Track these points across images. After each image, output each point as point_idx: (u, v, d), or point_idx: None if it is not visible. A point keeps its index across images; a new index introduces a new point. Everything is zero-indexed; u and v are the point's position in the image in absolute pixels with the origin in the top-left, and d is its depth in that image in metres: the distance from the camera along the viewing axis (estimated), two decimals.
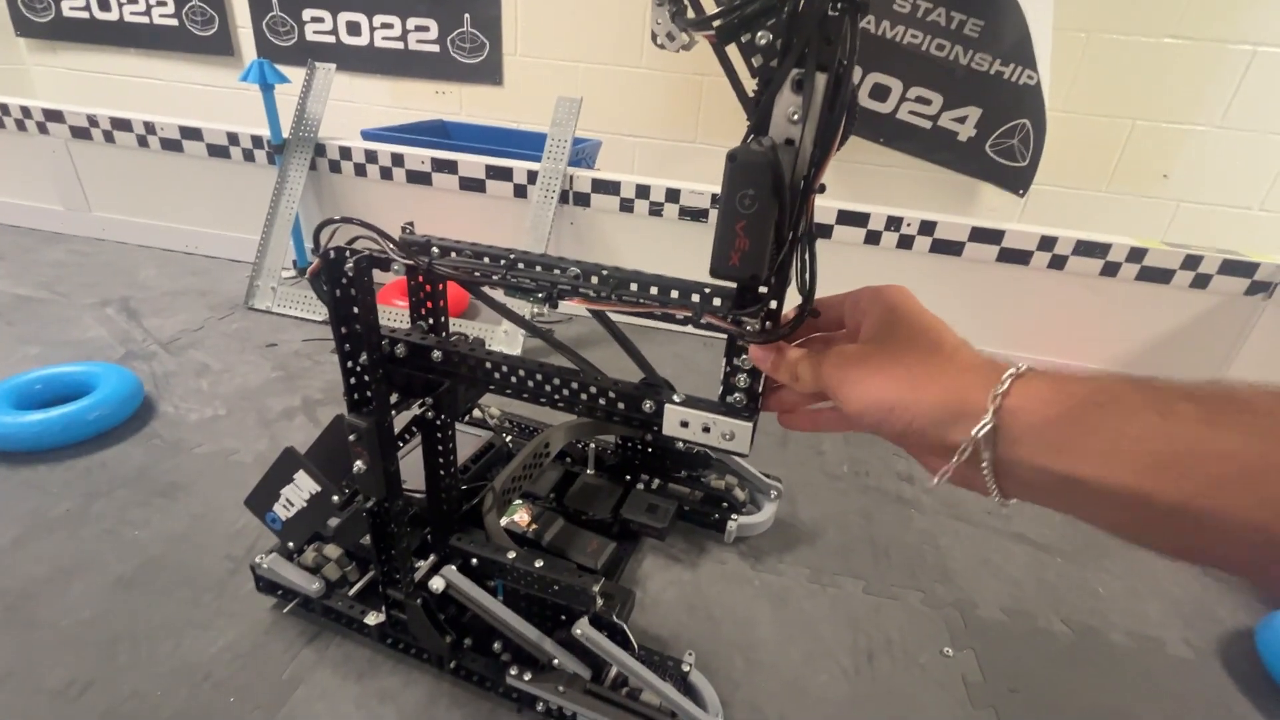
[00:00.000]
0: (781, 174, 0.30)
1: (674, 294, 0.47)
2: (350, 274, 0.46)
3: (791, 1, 0.29)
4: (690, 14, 0.34)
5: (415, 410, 0.58)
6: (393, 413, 0.54)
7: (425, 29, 2.06)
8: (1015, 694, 0.70)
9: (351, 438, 0.52)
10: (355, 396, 0.52)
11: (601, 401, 0.47)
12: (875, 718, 0.66)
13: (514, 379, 0.49)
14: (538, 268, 0.49)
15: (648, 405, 0.46)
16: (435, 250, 0.54)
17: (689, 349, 1.42)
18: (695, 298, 0.46)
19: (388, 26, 2.08)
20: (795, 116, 0.30)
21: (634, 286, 0.47)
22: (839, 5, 0.28)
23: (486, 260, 0.51)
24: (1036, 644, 0.77)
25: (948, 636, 0.76)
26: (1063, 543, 0.94)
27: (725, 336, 0.41)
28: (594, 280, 0.47)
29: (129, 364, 1.14)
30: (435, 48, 2.07)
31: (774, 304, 0.36)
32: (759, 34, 0.31)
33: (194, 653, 0.65)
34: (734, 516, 0.86)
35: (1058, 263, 1.27)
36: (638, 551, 0.84)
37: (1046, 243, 1.26)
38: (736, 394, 0.43)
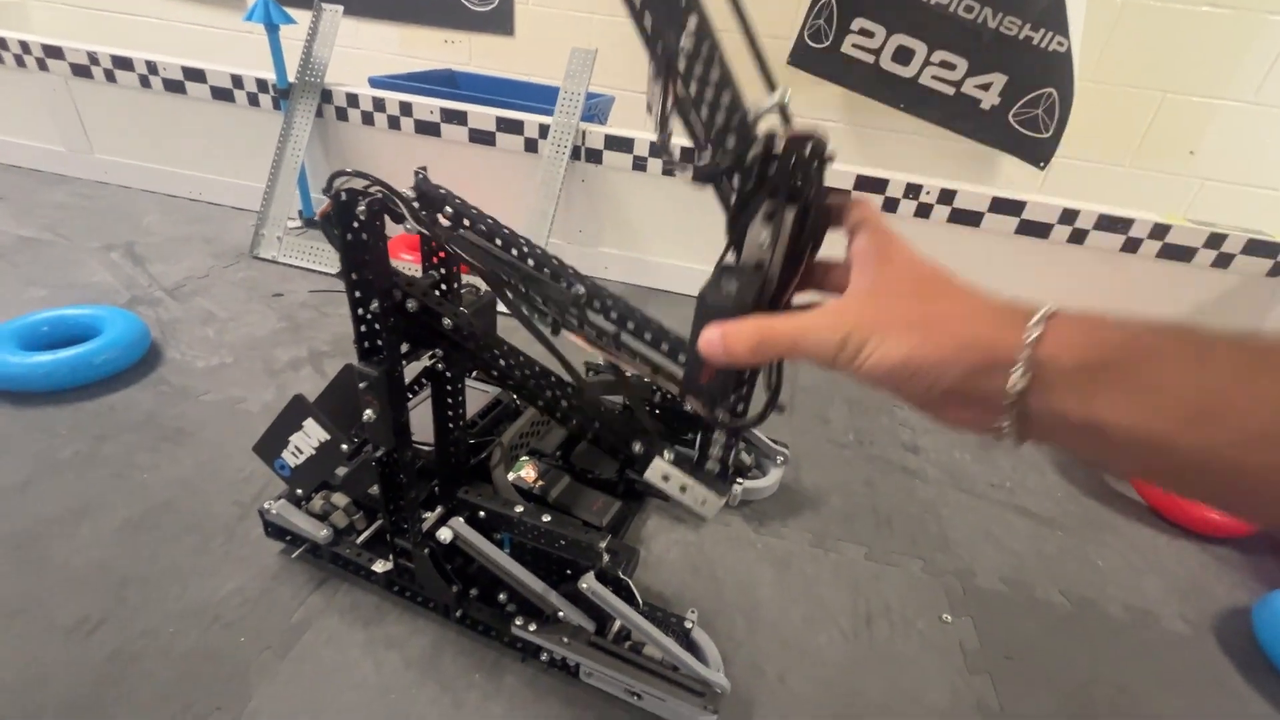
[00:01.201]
0: (747, 313, 0.31)
1: (664, 346, 0.48)
2: (362, 218, 0.44)
3: (760, 161, 0.32)
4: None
5: (425, 361, 0.58)
6: (403, 363, 0.54)
7: None
8: (1011, 661, 0.71)
9: (362, 385, 0.51)
10: (365, 345, 0.51)
11: (595, 425, 0.48)
12: (873, 679, 0.67)
13: (515, 374, 0.49)
14: (545, 270, 0.48)
15: (637, 446, 0.48)
16: (449, 211, 0.52)
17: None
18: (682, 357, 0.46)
19: None
20: (765, 244, 0.32)
21: (631, 326, 0.48)
22: (807, 155, 0.31)
23: (498, 243, 0.49)
24: (1034, 613, 0.77)
25: (946, 604, 0.77)
26: (1065, 517, 0.94)
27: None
28: (597, 305, 0.47)
29: (135, 309, 1.13)
30: None
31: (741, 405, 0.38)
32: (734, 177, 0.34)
33: (204, 595, 0.66)
34: (739, 480, 0.86)
35: (1078, 237, 1.25)
36: (642, 511, 0.84)
37: (1068, 216, 1.23)
38: (712, 461, 0.46)
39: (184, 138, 1.59)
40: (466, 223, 0.52)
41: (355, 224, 0.45)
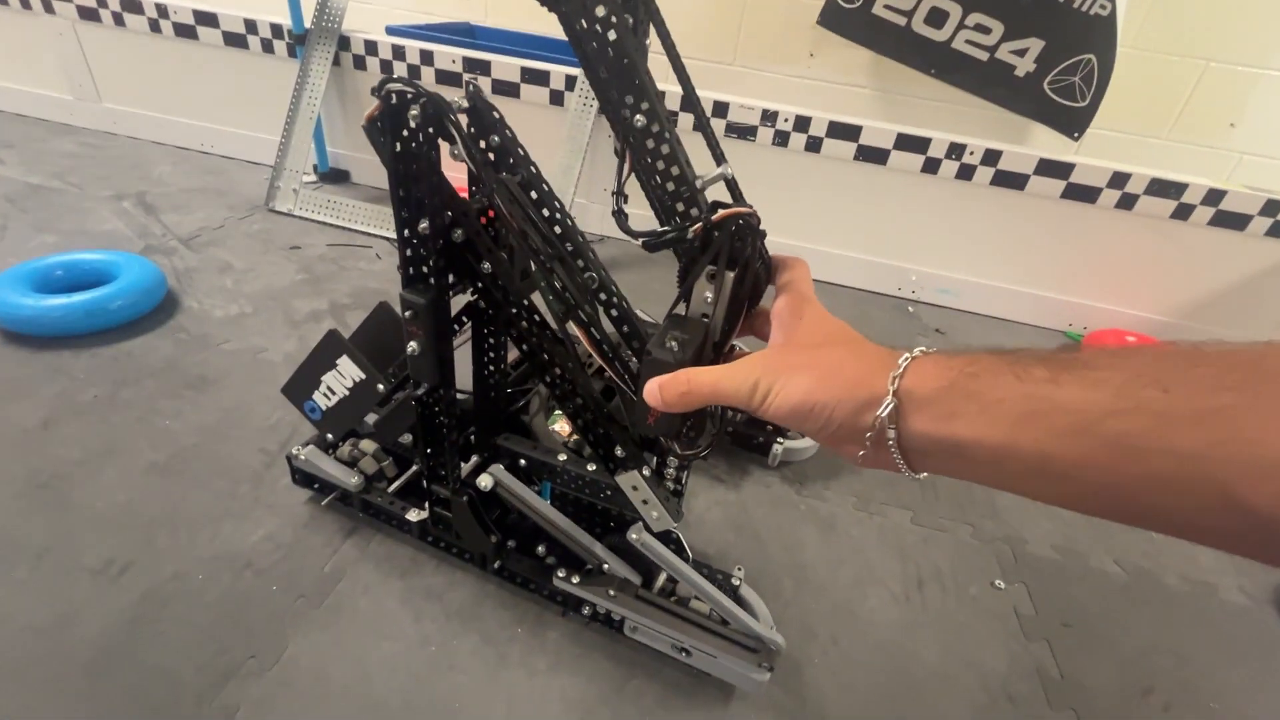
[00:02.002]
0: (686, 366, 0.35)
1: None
2: (414, 123, 0.40)
3: (702, 235, 0.38)
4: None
5: (468, 296, 0.54)
6: (449, 294, 0.50)
7: None
8: (1069, 628, 0.68)
9: (407, 314, 0.47)
10: (411, 271, 0.47)
11: (587, 417, 0.51)
12: (927, 643, 0.64)
13: (533, 341, 0.48)
14: (569, 245, 0.48)
15: (619, 451, 0.52)
16: (495, 141, 0.47)
17: None
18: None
19: None
20: (709, 299, 0.38)
21: (626, 329, 0.50)
22: (743, 230, 0.37)
23: (534, 196, 0.46)
24: (1089, 582, 0.75)
25: (998, 570, 0.74)
26: None
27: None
28: (604, 298, 0.49)
29: (150, 257, 1.10)
30: None
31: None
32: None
33: (234, 541, 0.64)
34: (780, 440, 0.83)
35: (1127, 201, 1.19)
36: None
37: (1118, 179, 1.18)
38: (669, 481, 0.56)
39: (195, 86, 1.53)
40: (511, 161, 0.48)
41: (405, 131, 0.41)
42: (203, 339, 0.93)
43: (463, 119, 0.43)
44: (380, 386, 0.57)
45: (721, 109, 1.27)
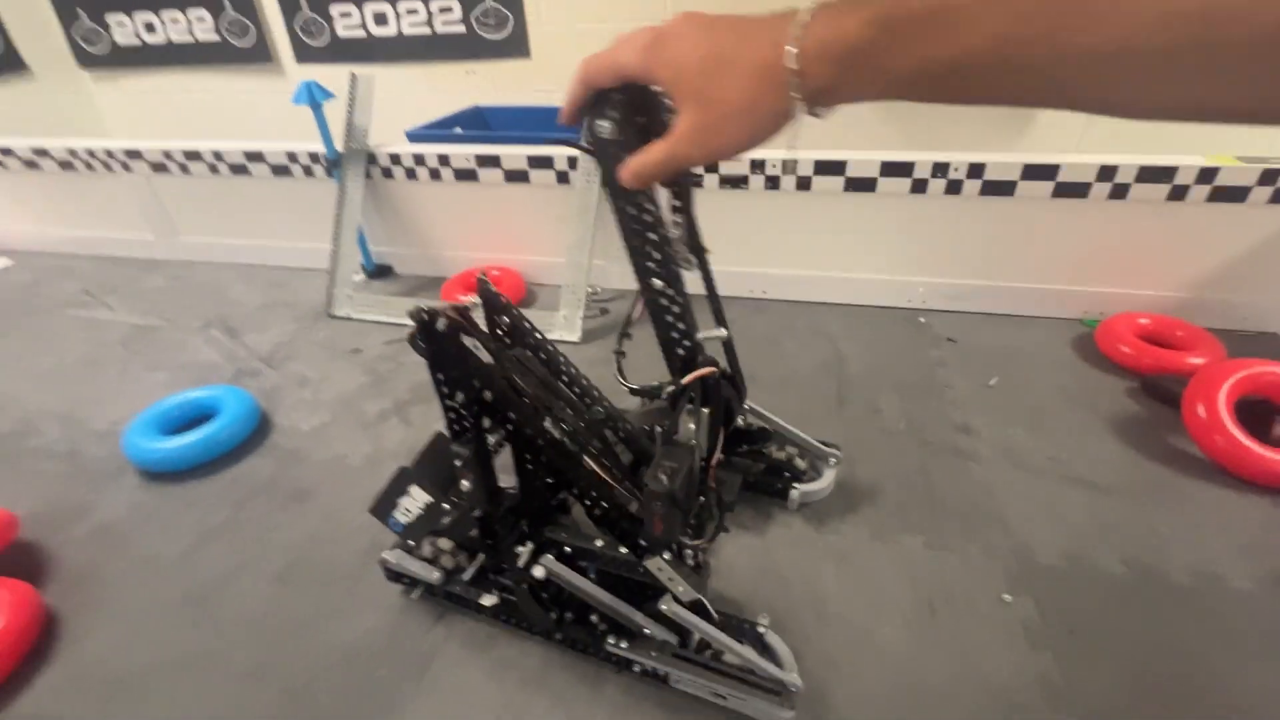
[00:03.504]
0: (679, 500, 0.50)
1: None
2: (442, 334, 0.53)
3: (678, 385, 0.52)
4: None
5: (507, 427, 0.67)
6: (487, 437, 0.63)
7: (449, 9, 2.08)
8: (1073, 635, 0.75)
9: (457, 463, 0.60)
10: (455, 428, 0.60)
11: (611, 518, 0.64)
12: (938, 663, 0.72)
13: (556, 464, 0.60)
14: (575, 388, 0.60)
15: (643, 541, 0.62)
16: (505, 321, 0.61)
17: (740, 315, 1.46)
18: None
19: (413, 13, 2.12)
20: (692, 429, 0.51)
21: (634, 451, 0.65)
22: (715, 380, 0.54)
23: (542, 357, 0.60)
24: (1095, 586, 0.81)
25: (1006, 584, 0.81)
26: (1126, 484, 0.96)
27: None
28: (612, 427, 0.64)
29: (240, 382, 1.29)
30: (461, 28, 2.10)
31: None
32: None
33: (345, 635, 0.79)
34: (796, 485, 0.92)
35: (1119, 192, 1.22)
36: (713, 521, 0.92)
37: (1106, 172, 1.21)
38: (690, 560, 0.68)
39: (253, 212, 1.75)
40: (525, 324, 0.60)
41: (436, 337, 0.54)
42: (295, 453, 1.10)
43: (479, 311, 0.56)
44: (445, 506, 0.70)
45: (712, 165, 1.37)
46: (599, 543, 0.71)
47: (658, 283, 0.53)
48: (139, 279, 1.80)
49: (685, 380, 0.49)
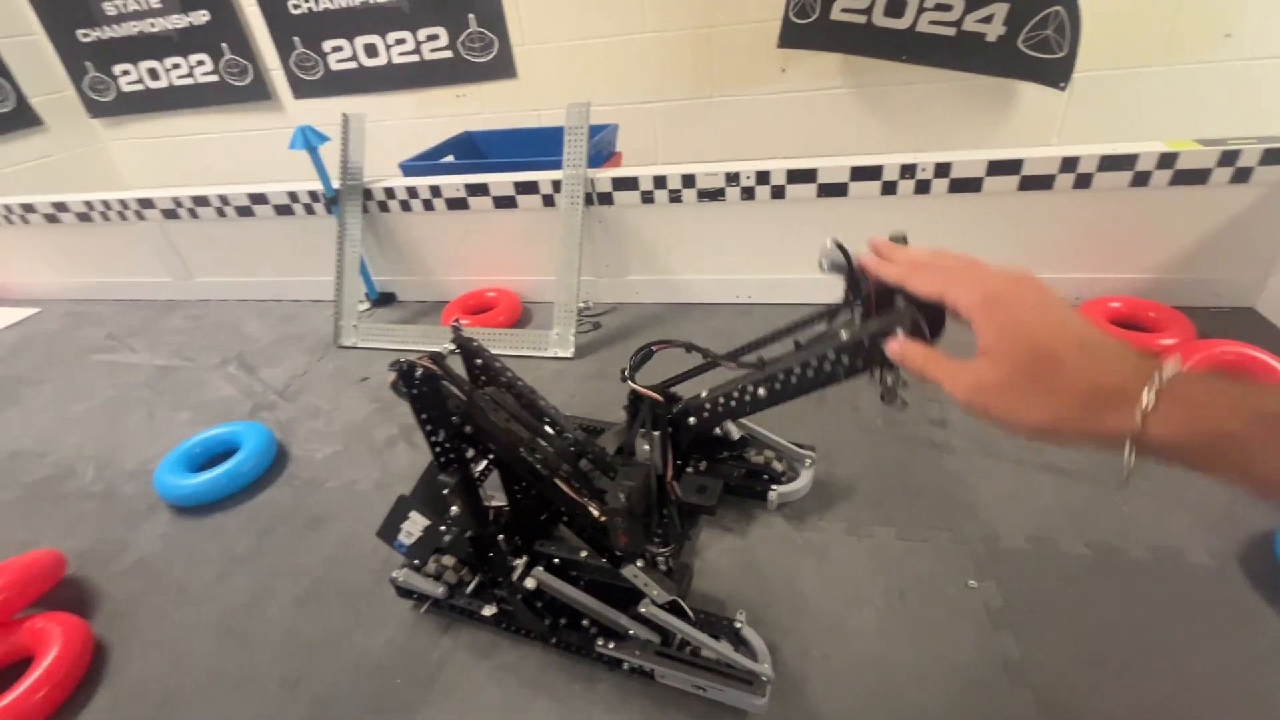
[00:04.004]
0: (638, 514, 0.59)
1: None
2: (420, 380, 0.60)
3: (631, 407, 0.65)
4: None
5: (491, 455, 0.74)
6: (471, 465, 0.69)
7: (436, 36, 2.15)
8: (1033, 614, 0.80)
9: (444, 491, 0.67)
10: (442, 460, 0.67)
11: (587, 532, 0.71)
12: (905, 648, 0.78)
13: (534, 486, 0.66)
14: (545, 419, 0.67)
15: (618, 551, 0.68)
16: (479, 363, 0.68)
17: (727, 321, 1.52)
18: None
19: (401, 42, 2.20)
20: (647, 449, 0.63)
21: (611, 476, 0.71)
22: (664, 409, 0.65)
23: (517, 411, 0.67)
24: (1057, 567, 0.86)
25: (973, 569, 0.86)
26: (1094, 467, 0.99)
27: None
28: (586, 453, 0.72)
29: (258, 416, 1.37)
30: (448, 53, 2.17)
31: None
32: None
33: (365, 648, 0.86)
34: (774, 487, 0.98)
35: (1083, 182, 1.26)
36: (694, 527, 0.98)
37: (1068, 164, 1.25)
38: (661, 565, 0.75)
39: (261, 251, 1.84)
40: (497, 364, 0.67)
41: (416, 383, 0.61)
42: (310, 482, 1.18)
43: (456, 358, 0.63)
44: (442, 528, 0.77)
45: (690, 179, 1.42)
46: (584, 554, 0.78)
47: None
48: (159, 320, 1.90)
49: (634, 393, 0.58)
